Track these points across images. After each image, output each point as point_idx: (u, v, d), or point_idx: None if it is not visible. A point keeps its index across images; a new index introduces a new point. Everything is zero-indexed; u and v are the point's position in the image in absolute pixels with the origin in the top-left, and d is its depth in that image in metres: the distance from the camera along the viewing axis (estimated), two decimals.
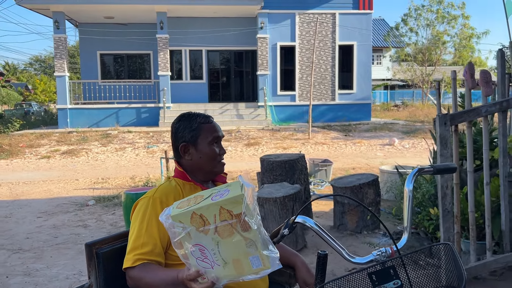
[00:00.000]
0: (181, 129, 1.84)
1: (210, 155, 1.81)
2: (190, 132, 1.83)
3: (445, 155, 3.26)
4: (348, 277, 1.33)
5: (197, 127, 1.83)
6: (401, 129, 15.61)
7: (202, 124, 1.83)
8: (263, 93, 17.39)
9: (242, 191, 1.26)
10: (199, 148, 1.82)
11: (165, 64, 17.10)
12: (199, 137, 1.82)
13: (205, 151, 1.81)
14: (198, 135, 1.82)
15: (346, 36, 17.90)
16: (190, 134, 1.83)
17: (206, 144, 1.81)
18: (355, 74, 18.09)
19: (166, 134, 14.92)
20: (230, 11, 17.40)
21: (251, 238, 1.29)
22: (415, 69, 25.38)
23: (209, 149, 1.81)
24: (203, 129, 1.83)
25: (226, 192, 1.30)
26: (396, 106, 27.18)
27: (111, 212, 6.11)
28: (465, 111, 3.30)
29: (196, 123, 1.84)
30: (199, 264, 1.33)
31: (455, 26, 23.55)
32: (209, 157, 1.81)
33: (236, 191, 1.28)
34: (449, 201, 3.30)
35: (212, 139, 1.82)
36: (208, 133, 1.82)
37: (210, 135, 1.82)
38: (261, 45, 17.51)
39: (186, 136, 1.84)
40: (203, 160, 1.82)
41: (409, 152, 12.01)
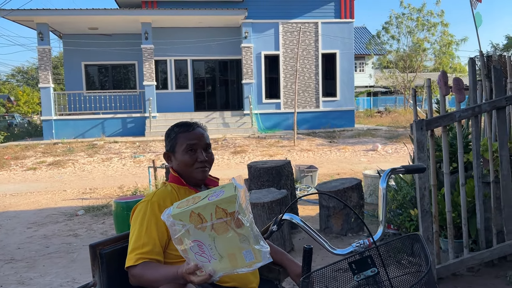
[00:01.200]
0: (165, 138, 2.02)
1: (185, 162, 1.94)
2: (170, 142, 1.99)
3: (422, 158, 3.46)
4: (331, 267, 1.49)
5: (175, 137, 1.97)
6: (384, 135, 15.92)
7: (179, 134, 1.97)
8: (248, 102, 17.58)
9: (236, 192, 1.42)
10: (176, 156, 1.96)
11: (151, 74, 17.19)
12: (176, 146, 1.96)
13: (180, 159, 1.94)
14: (175, 144, 1.96)
15: (328, 44, 18.24)
16: (170, 143, 1.99)
17: (181, 152, 1.94)
18: (338, 82, 18.42)
19: (152, 143, 14.99)
20: (215, 21, 17.61)
21: (244, 234, 1.43)
22: (397, 76, 25.89)
23: (183, 157, 1.93)
24: (179, 138, 1.96)
25: (221, 193, 1.45)
26: (379, 113, 27.61)
27: (101, 221, 6.19)
28: (440, 117, 3.50)
29: (174, 133, 1.99)
30: (197, 258, 1.47)
31: (435, 34, 24.15)
32: (185, 164, 1.94)
33: (230, 191, 1.43)
34: (427, 202, 3.49)
35: (185, 147, 1.93)
36: (183, 141, 1.94)
37: (184, 143, 1.94)
38: (245, 54, 17.72)
39: (167, 145, 2.01)
40: (181, 167, 1.96)
41: (392, 157, 12.28)
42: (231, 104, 19.45)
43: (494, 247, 3.68)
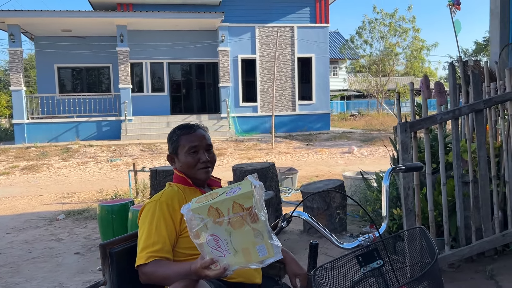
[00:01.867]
0: (168, 141, 2.08)
1: (187, 164, 2.00)
2: (172, 144, 2.05)
3: (406, 159, 3.60)
4: (339, 260, 1.57)
5: (177, 139, 2.03)
6: (359, 138, 16.23)
7: (181, 136, 2.03)
8: (225, 105, 17.62)
9: (252, 188, 1.49)
10: (179, 158, 2.03)
11: (126, 77, 17.02)
12: (178, 148, 2.02)
13: (183, 160, 2.01)
14: (178, 146, 2.02)
15: (304, 48, 18.48)
16: (172, 146, 2.05)
17: (183, 154, 2.00)
18: (314, 86, 18.68)
19: (128, 147, 14.85)
20: (191, 24, 17.60)
21: (259, 229, 1.50)
22: (370, 80, 26.41)
23: (186, 158, 2.00)
24: (181, 140, 2.02)
25: (238, 189, 1.51)
26: (353, 116, 28.09)
27: (82, 226, 6.12)
28: (422, 119, 3.65)
29: (176, 136, 2.05)
30: (213, 252, 1.53)
31: (406, 39, 24.77)
32: (187, 165, 2.00)
33: (247, 188, 1.50)
34: (411, 201, 3.63)
35: (188, 149, 1.99)
36: (186, 143, 2.00)
37: (187, 145, 2.00)
38: (222, 57, 17.77)
39: (170, 148, 2.07)
40: (184, 168, 2.02)
41: (367, 159, 12.54)
42: (208, 107, 19.45)
43: (473, 244, 3.85)
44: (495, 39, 4.74)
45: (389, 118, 22.75)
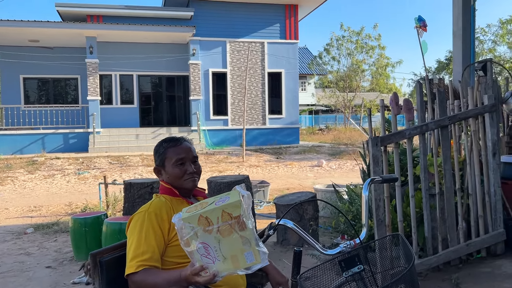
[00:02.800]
0: (154, 154, 2.16)
1: (175, 175, 2.08)
2: (159, 157, 2.13)
3: (377, 172, 3.77)
4: (323, 265, 1.68)
5: (164, 152, 2.11)
6: (328, 151, 16.54)
7: (168, 149, 2.11)
8: (196, 118, 17.64)
9: (240, 197, 1.58)
10: (166, 169, 2.10)
11: (95, 89, 16.83)
12: (165, 160, 2.10)
13: (171, 172, 2.08)
14: (165, 159, 2.10)
15: (274, 64, 18.79)
16: (159, 158, 2.13)
17: (171, 166, 2.08)
18: (283, 100, 18.97)
19: (96, 160, 14.62)
20: (162, 37, 17.61)
21: (246, 237, 1.59)
22: (338, 95, 27.01)
23: (174, 170, 2.07)
24: (168, 152, 2.10)
25: (227, 199, 1.60)
26: (320, 130, 28.58)
27: (52, 239, 6.01)
28: (392, 134, 3.84)
29: (163, 148, 2.13)
30: (203, 259, 1.61)
31: (372, 56, 25.52)
32: (175, 176, 2.08)
33: (235, 197, 1.59)
34: (382, 212, 3.80)
35: (175, 161, 2.07)
36: (173, 155, 2.08)
37: (174, 157, 2.08)
38: (193, 71, 17.83)
39: (156, 160, 2.14)
40: (171, 179, 2.09)
41: (336, 172, 12.80)
42: (178, 120, 19.40)
43: (440, 253, 4.04)
44: (458, 59, 5.03)
45: (356, 133, 23.26)
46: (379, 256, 1.69)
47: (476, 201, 4.18)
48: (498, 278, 3.72)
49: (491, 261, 4.09)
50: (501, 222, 4.21)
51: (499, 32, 20.29)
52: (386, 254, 1.72)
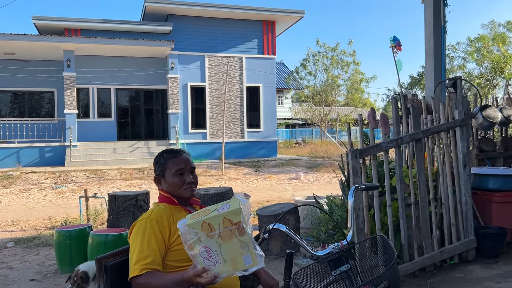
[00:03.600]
0: (154, 164, 2.29)
1: (175, 184, 2.22)
2: (159, 167, 2.27)
3: (357, 183, 3.97)
4: (313, 266, 1.85)
5: (164, 162, 2.25)
6: (305, 164, 16.81)
7: (168, 159, 2.25)
8: (174, 131, 17.69)
9: (240, 205, 1.74)
10: (166, 179, 2.24)
11: (72, 102, 16.72)
12: (165, 170, 2.24)
13: (171, 182, 2.22)
14: (165, 169, 2.24)
15: (252, 78, 19.07)
16: (159, 169, 2.26)
17: (171, 176, 2.22)
18: (262, 114, 19.23)
19: (74, 173, 14.48)
20: (140, 51, 17.69)
21: (245, 241, 1.75)
22: (314, 110, 27.47)
23: (173, 179, 2.21)
24: (168, 163, 2.24)
25: (228, 207, 1.76)
26: (297, 143, 28.93)
27: (34, 253, 5.99)
28: (370, 147, 4.07)
29: (163, 159, 2.27)
30: (205, 262, 1.75)
31: (347, 71, 26.14)
32: (175, 186, 2.22)
33: (235, 205, 1.74)
34: (361, 221, 4.00)
35: (175, 171, 2.21)
36: (173, 166, 2.22)
37: (174, 168, 2.22)
38: (172, 84, 17.94)
39: (157, 170, 2.28)
40: (171, 189, 2.23)
41: (314, 185, 13.03)
42: (156, 134, 19.39)
43: (416, 260, 4.25)
44: (430, 76, 5.33)
45: (332, 146, 23.68)
46: (365, 256, 1.87)
47: (449, 210, 4.43)
48: (470, 282, 3.95)
49: (463, 267, 4.33)
50: (472, 230, 4.47)
51: (468, 50, 21.16)
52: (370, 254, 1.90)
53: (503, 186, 4.84)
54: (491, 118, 5.41)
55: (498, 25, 20.90)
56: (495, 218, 4.78)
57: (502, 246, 4.53)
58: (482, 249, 4.50)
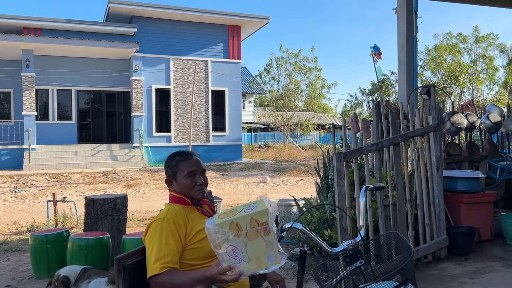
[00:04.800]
0: (166, 166, 2.33)
1: (186, 186, 2.27)
2: (171, 169, 2.31)
3: (341, 185, 4.13)
4: (330, 262, 1.95)
5: (176, 164, 2.30)
6: (270, 168, 16.98)
7: (179, 162, 2.30)
8: (138, 134, 17.43)
9: (267, 207, 1.81)
10: (178, 181, 2.29)
11: (31, 104, 16.17)
12: (177, 172, 2.29)
13: (182, 183, 2.27)
14: (177, 171, 2.29)
15: (218, 82, 19.10)
16: (171, 171, 2.31)
17: (183, 178, 2.27)
18: (227, 118, 19.28)
19: (33, 177, 13.98)
20: (103, 52, 17.35)
21: (270, 240, 1.82)
22: (277, 114, 27.80)
23: (185, 181, 2.27)
24: (180, 165, 2.29)
25: (255, 207, 1.83)
26: (260, 147, 29.13)
27: (4, 259, 5.77)
28: (353, 150, 4.23)
29: (175, 161, 2.31)
30: (231, 260, 1.81)
31: (309, 77, 26.63)
32: (186, 187, 2.27)
33: (262, 206, 1.82)
34: (345, 221, 4.15)
35: (187, 173, 2.27)
36: (184, 168, 2.28)
37: (185, 170, 2.27)
38: (135, 87, 17.68)
39: (168, 172, 2.32)
40: (182, 190, 2.28)
41: (280, 188, 13.20)
42: (118, 137, 19.01)
43: (393, 259, 4.44)
44: (403, 83, 5.59)
45: (295, 150, 24.03)
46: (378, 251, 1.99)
47: (423, 211, 4.67)
48: (445, 278, 4.18)
49: (437, 265, 4.57)
50: (444, 229, 4.73)
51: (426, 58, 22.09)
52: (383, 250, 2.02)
53: (471, 188, 5.15)
54: (458, 124, 5.74)
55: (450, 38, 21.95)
56: (464, 218, 5.07)
57: (472, 245, 4.81)
58: (453, 247, 4.77)
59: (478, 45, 21.65)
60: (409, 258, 1.79)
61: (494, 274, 4.20)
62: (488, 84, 21.95)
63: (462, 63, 20.61)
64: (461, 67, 20.28)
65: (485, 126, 6.17)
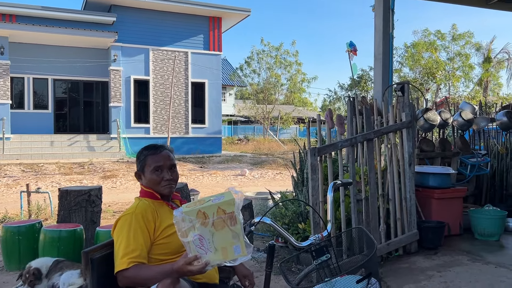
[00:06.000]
0: (136, 159, 2.33)
1: (153, 180, 2.26)
2: (140, 163, 2.31)
3: (315, 179, 4.18)
4: (297, 255, 1.99)
5: (144, 159, 2.29)
6: (250, 161, 17.03)
7: (147, 156, 2.29)
8: (116, 125, 17.23)
9: (233, 197, 1.84)
10: (145, 175, 2.28)
11: (5, 92, 15.82)
12: (145, 167, 2.28)
13: (149, 178, 2.27)
14: (144, 165, 2.28)
15: (198, 74, 18.98)
16: (139, 165, 2.31)
17: (149, 172, 2.27)
18: (207, 110, 19.20)
19: (7, 167, 13.72)
20: (81, 41, 17.06)
21: (236, 231, 1.85)
22: (257, 107, 27.81)
23: (151, 176, 2.26)
24: (148, 159, 2.28)
25: (222, 198, 1.85)
26: (240, 140, 29.13)
27: None
28: (327, 145, 4.28)
29: (143, 155, 2.30)
30: (197, 250, 1.83)
31: (290, 71, 26.69)
32: (153, 182, 2.26)
33: (229, 196, 1.84)
34: (317, 216, 4.20)
35: (154, 168, 2.26)
36: (151, 163, 2.26)
37: (152, 164, 2.26)
38: (114, 77, 17.45)
39: (138, 166, 2.32)
40: (150, 184, 2.28)
41: (259, 181, 13.26)
42: (95, 127, 18.77)
43: (365, 253, 4.53)
44: (378, 80, 5.67)
45: (274, 144, 24.11)
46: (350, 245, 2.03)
47: (395, 205, 4.76)
48: (415, 272, 4.29)
49: (408, 258, 4.68)
50: (415, 224, 4.84)
51: (404, 55, 22.37)
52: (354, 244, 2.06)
53: (442, 184, 5.27)
54: (432, 121, 5.85)
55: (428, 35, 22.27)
56: (434, 213, 5.19)
57: (441, 239, 4.94)
58: (423, 241, 4.88)
59: (455, 42, 22.06)
60: (372, 252, 1.83)
61: (461, 267, 4.32)
62: (464, 81, 22.41)
63: (439, 60, 20.96)
64: (438, 64, 20.64)
65: (458, 123, 6.31)
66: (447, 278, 4.03)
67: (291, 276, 1.95)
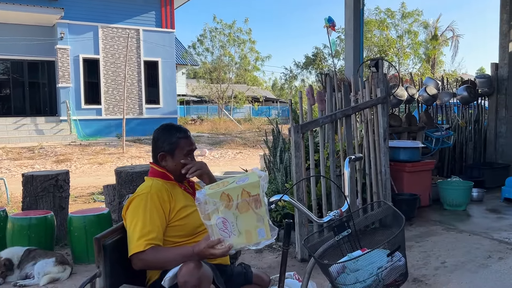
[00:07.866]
0: (161, 140, 2.19)
1: (181, 164, 2.18)
2: (169, 145, 2.19)
3: (298, 156, 4.16)
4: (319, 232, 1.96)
5: (175, 141, 2.19)
6: (208, 141, 16.85)
7: (179, 139, 2.19)
8: (65, 107, 16.46)
9: (259, 179, 1.76)
10: (175, 158, 2.18)
11: None
12: (176, 149, 2.18)
13: (178, 161, 2.18)
14: (175, 148, 2.18)
15: (150, 52, 18.38)
16: (168, 146, 2.18)
17: (181, 155, 2.19)
18: (161, 89, 18.70)
19: None
20: (23, 17, 15.98)
21: (261, 214, 1.78)
22: (211, 87, 27.44)
23: (182, 159, 2.19)
24: (181, 143, 2.19)
25: (246, 179, 1.77)
26: (193, 121, 28.72)
27: None
28: (309, 122, 4.27)
29: (175, 138, 2.19)
30: (220, 233, 1.76)
31: (243, 49, 26.44)
32: (182, 165, 2.19)
33: (254, 178, 1.77)
34: (301, 192, 4.21)
35: (187, 152, 2.21)
36: (185, 146, 2.20)
37: (186, 147, 2.20)
38: (61, 56, 16.56)
39: (165, 147, 2.19)
40: (178, 167, 2.19)
41: (220, 161, 13.18)
42: (43, 109, 17.79)
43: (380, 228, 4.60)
44: (349, 56, 5.70)
45: (230, 123, 23.99)
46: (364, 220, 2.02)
47: (371, 180, 4.86)
48: None
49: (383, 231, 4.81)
50: (390, 197, 4.97)
51: None
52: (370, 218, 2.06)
53: (412, 157, 5.44)
54: (399, 96, 5.99)
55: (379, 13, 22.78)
56: (406, 186, 5.36)
57: (414, 211, 5.11)
58: None
59: (404, 20, 22.68)
60: (401, 227, 1.83)
61: (437, 237, 4.50)
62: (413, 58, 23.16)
63: (390, 38, 21.51)
64: (389, 41, 21.17)
65: (423, 98, 6.50)
66: (426, 248, 4.18)
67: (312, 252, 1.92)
